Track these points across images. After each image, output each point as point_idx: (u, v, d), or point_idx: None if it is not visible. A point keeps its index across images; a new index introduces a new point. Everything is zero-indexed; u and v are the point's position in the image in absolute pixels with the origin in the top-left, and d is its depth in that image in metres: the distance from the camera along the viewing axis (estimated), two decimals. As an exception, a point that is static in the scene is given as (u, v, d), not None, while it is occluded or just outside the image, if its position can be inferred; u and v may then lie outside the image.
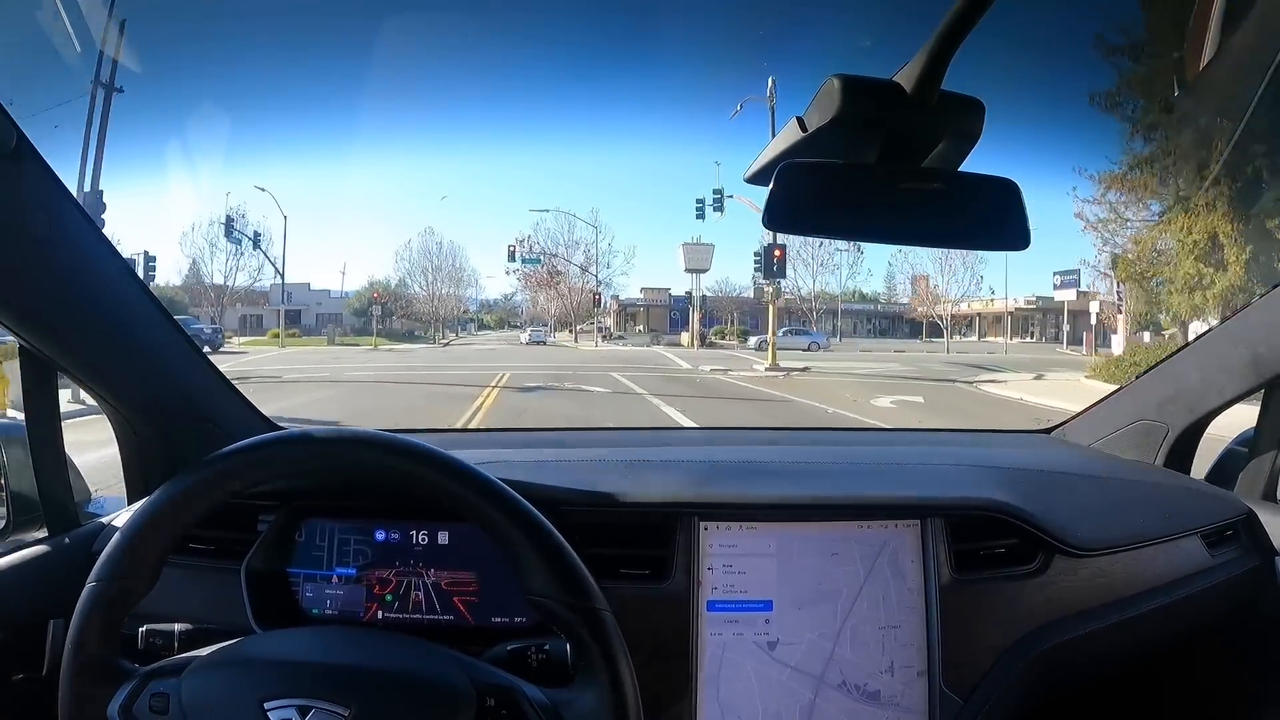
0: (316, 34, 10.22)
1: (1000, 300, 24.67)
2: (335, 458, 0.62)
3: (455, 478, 0.60)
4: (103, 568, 0.57)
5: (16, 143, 0.64)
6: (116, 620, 0.57)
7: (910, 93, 0.54)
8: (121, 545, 0.57)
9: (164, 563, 0.59)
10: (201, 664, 0.57)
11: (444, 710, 0.56)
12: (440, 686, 0.57)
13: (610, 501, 0.86)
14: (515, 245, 23.46)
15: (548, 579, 0.59)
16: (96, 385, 0.86)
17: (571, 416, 7.11)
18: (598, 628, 0.59)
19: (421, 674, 0.58)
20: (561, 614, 0.59)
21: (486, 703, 0.57)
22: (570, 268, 24.53)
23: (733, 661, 0.84)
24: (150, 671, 0.57)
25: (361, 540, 0.86)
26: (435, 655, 0.61)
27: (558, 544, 0.60)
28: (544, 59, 18.18)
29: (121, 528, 0.59)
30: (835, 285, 25.21)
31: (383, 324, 25.03)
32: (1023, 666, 0.87)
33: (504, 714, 0.57)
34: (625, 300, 27.67)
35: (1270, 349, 1.00)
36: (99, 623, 0.56)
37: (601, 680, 0.58)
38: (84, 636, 0.56)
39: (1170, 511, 1.01)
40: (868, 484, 0.95)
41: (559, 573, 0.59)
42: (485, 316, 31.18)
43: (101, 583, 0.56)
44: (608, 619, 0.59)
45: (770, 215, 0.57)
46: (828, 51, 6.75)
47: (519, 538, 0.59)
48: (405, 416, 6.93)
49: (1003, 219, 0.60)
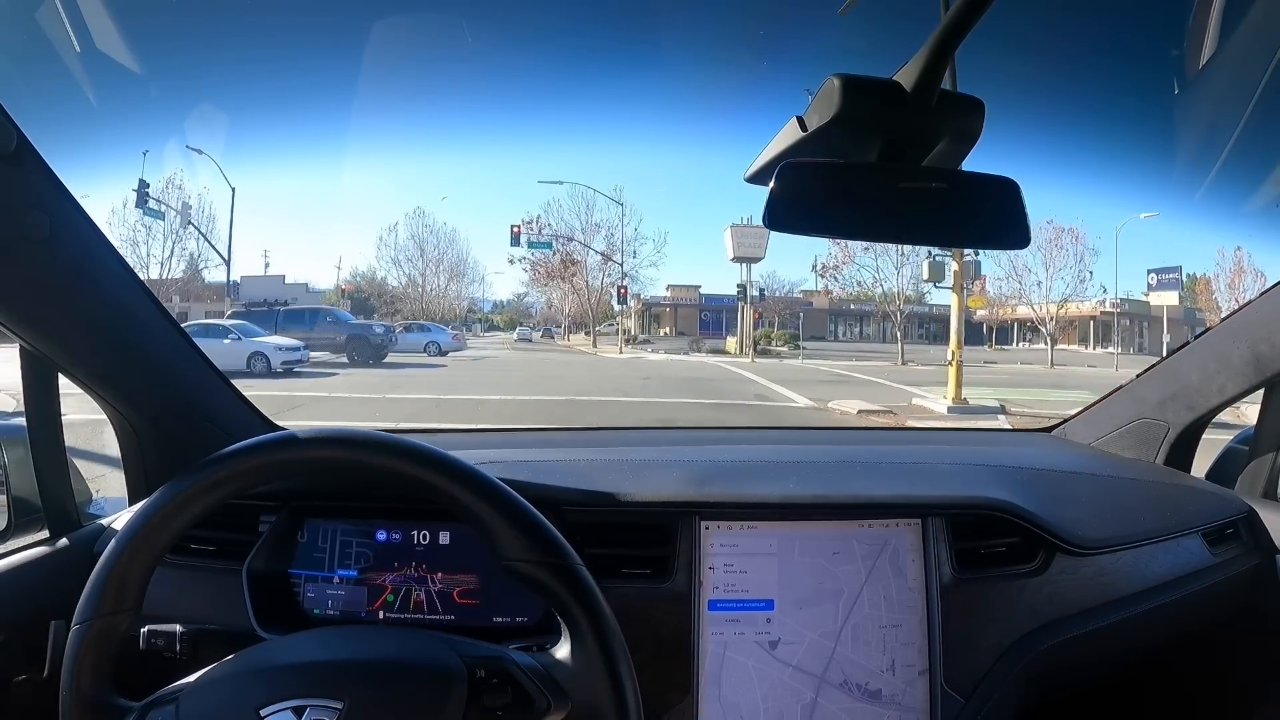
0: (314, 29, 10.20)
1: (1076, 301, 19.44)
2: (282, 466, 0.61)
3: (413, 459, 0.60)
4: (85, 608, 0.56)
5: (16, 144, 0.64)
6: (108, 656, 0.57)
7: (910, 92, 0.54)
8: (102, 578, 0.57)
9: (148, 582, 0.59)
10: (195, 686, 0.57)
11: (437, 689, 0.56)
12: (430, 667, 0.57)
13: (612, 501, 0.87)
14: (521, 226, 18.71)
15: (518, 543, 0.59)
16: (97, 386, 0.86)
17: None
18: (574, 583, 0.59)
19: (410, 658, 0.58)
20: (537, 575, 0.59)
21: (477, 674, 0.57)
22: (589, 255, 19.89)
23: (734, 661, 0.84)
24: (148, 704, 0.57)
25: (363, 541, 0.86)
26: (421, 639, 0.61)
27: (523, 508, 0.61)
28: (548, 46, 17.35)
29: (100, 559, 0.58)
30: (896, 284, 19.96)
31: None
32: (1024, 665, 0.87)
33: (495, 682, 0.57)
34: (650, 299, 23.71)
35: (1270, 347, 1.01)
36: (90, 662, 0.56)
37: (587, 635, 0.58)
38: (78, 680, 0.55)
39: (1171, 510, 1.01)
40: (869, 483, 0.95)
41: (528, 535, 0.60)
42: (496, 317, 29.31)
43: (84, 624, 0.56)
44: (583, 573, 0.60)
45: (771, 215, 0.57)
46: (827, 51, 6.75)
47: (484, 507, 0.60)
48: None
49: (1003, 218, 0.60)
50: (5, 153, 0.63)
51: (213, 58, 11.20)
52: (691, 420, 6.52)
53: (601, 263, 20.02)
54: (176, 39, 6.83)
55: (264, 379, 9.63)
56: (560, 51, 16.92)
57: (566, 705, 0.58)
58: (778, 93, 9.10)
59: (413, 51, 9.54)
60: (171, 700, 0.56)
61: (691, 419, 6.74)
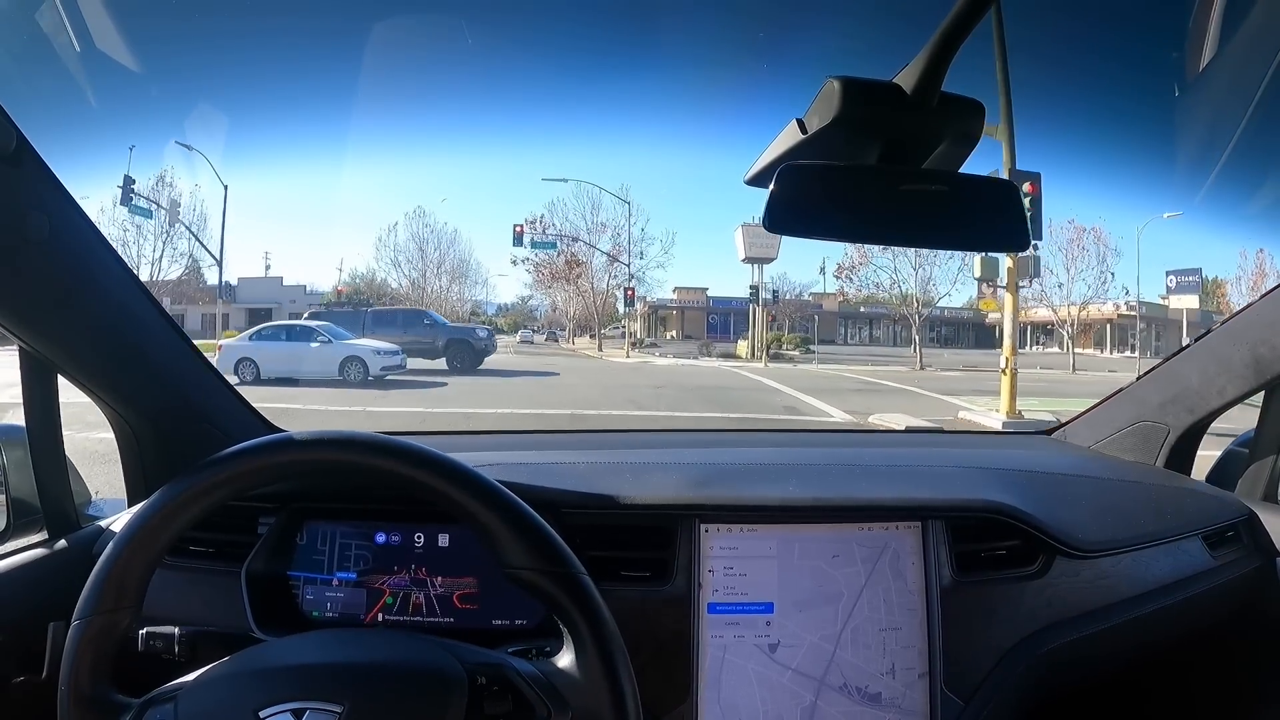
0: (315, 31, 10.14)
1: (1098, 303, 18.09)
2: (285, 467, 0.61)
3: (411, 461, 0.60)
4: (85, 604, 0.57)
5: (16, 145, 0.64)
6: (107, 653, 0.57)
7: (910, 94, 0.54)
8: (102, 576, 0.57)
9: (148, 582, 0.59)
10: (195, 684, 0.57)
11: (437, 695, 0.56)
12: (430, 672, 0.57)
13: (611, 504, 0.86)
14: (524, 225, 17.69)
15: (522, 551, 0.59)
16: (96, 387, 0.86)
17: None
18: (577, 591, 0.59)
19: (411, 663, 0.58)
20: (540, 583, 0.59)
21: (478, 681, 0.57)
22: (595, 256, 18.81)
23: (734, 664, 0.83)
24: (146, 701, 0.57)
25: (362, 543, 0.86)
26: (422, 644, 0.61)
27: (527, 516, 0.60)
28: (550, 46, 16.86)
29: (100, 558, 0.58)
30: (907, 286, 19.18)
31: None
32: (1024, 668, 0.87)
33: (495, 689, 0.57)
34: (655, 301, 22.51)
35: (1270, 350, 1.00)
36: (89, 660, 0.56)
37: (588, 644, 0.58)
38: (76, 677, 0.55)
39: (1171, 513, 1.00)
40: (869, 486, 0.95)
41: (531, 543, 0.59)
42: (500, 320, 29.26)
43: (84, 620, 0.56)
44: (585, 581, 0.60)
45: (771, 217, 0.57)
46: (827, 53, 6.75)
47: (486, 513, 0.60)
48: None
49: (1002, 220, 0.60)
50: (5, 153, 0.63)
51: (214, 59, 11.13)
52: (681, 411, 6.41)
53: (607, 264, 19.23)
54: (179, 40, 6.80)
55: (360, 388, 8.53)
56: (560, 55, 16.73)
57: (567, 713, 0.58)
58: (779, 94, 9.05)
59: (414, 53, 9.52)
60: (170, 698, 0.56)
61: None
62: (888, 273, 17.71)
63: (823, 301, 23.62)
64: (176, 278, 16.70)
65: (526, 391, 9.07)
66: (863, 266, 17.96)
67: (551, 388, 9.96)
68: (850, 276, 18.74)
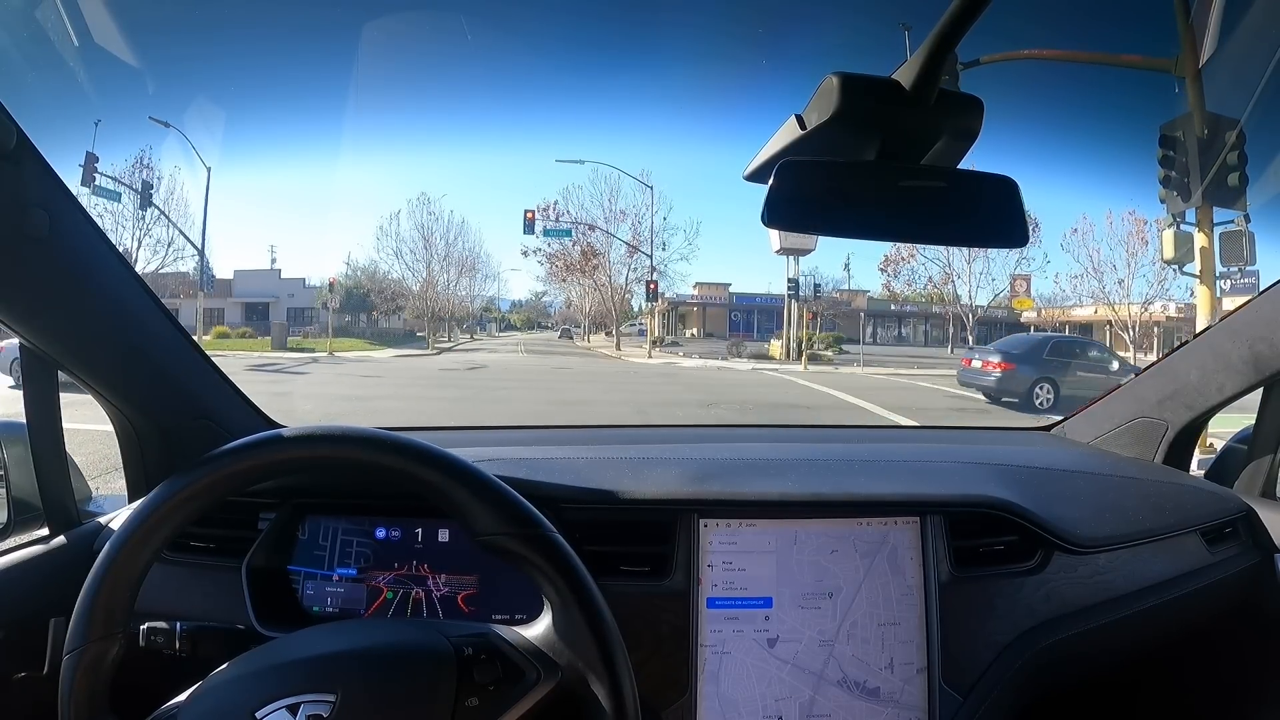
0: (320, 22, 10.07)
1: (1162, 301, 16.32)
2: (258, 470, 0.61)
3: (374, 447, 0.60)
4: (75, 634, 0.56)
5: (16, 142, 0.64)
6: (102, 680, 0.57)
7: (909, 91, 0.54)
8: (90, 598, 0.57)
9: (139, 587, 0.59)
10: (190, 700, 0.57)
11: (427, 671, 0.56)
12: (418, 651, 0.58)
13: (610, 499, 0.87)
14: (536, 212, 16.25)
15: (489, 517, 0.59)
16: (97, 383, 0.86)
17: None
18: (549, 550, 0.59)
19: (398, 645, 0.58)
20: (511, 546, 0.59)
21: (465, 652, 0.58)
22: (613, 247, 17.25)
23: (733, 658, 0.84)
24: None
25: (363, 538, 0.86)
26: (406, 625, 0.61)
27: (490, 482, 0.61)
28: (556, 39, 16.08)
29: (88, 578, 0.58)
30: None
31: (367, 320, 19.51)
32: (1022, 663, 0.88)
33: (483, 658, 0.58)
34: (674, 297, 21.25)
35: (1270, 346, 1.00)
36: (85, 690, 0.56)
37: (569, 601, 0.58)
38: (75, 709, 0.55)
39: (1169, 509, 1.01)
40: (867, 481, 0.95)
41: (497, 508, 0.60)
42: (513, 316, 28.17)
43: (76, 651, 0.56)
44: (556, 539, 0.60)
45: (769, 213, 0.57)
46: (826, 49, 6.70)
47: (452, 485, 0.60)
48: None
49: (1002, 216, 0.60)
50: (5, 151, 0.63)
51: (210, 51, 11.01)
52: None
53: (626, 255, 17.71)
54: (177, 30, 6.76)
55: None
56: (567, 49, 16.40)
57: (556, 673, 0.58)
58: (780, 90, 8.97)
59: (421, 44, 9.46)
60: (170, 717, 0.56)
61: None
62: (939, 265, 16.59)
63: (852, 299, 22.85)
64: (155, 269, 15.28)
65: (535, 410, 7.49)
66: (911, 260, 16.89)
67: (570, 404, 8.11)
68: (895, 272, 17.84)
